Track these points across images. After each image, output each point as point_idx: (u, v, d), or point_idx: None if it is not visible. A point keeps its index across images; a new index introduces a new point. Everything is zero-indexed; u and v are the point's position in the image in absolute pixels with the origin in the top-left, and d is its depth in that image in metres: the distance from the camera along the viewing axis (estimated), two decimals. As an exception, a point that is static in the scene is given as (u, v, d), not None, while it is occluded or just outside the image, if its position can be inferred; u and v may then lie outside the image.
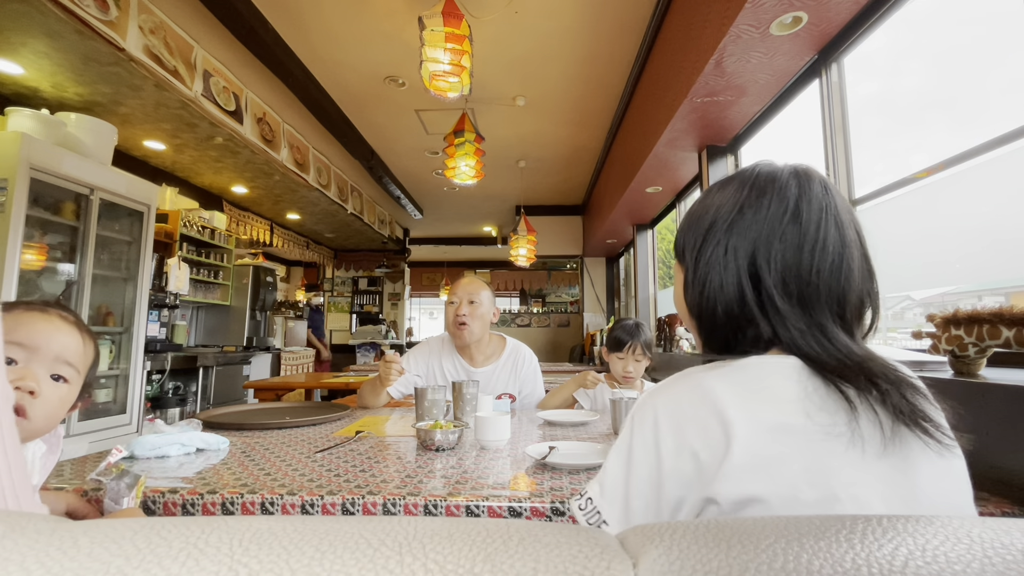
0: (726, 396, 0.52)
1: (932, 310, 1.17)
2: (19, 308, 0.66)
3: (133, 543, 0.26)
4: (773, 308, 0.56)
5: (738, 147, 3.16)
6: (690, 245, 0.63)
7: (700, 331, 0.64)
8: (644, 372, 1.86)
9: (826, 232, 0.56)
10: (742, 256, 0.58)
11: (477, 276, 1.94)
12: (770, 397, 0.52)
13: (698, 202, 0.66)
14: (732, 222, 0.59)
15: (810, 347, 0.54)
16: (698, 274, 0.61)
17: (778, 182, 0.59)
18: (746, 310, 0.57)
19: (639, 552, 0.28)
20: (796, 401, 0.51)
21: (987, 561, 0.26)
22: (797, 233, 0.56)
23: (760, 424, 0.50)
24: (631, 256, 5.85)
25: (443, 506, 0.83)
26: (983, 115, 1.63)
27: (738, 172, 0.65)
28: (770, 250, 0.57)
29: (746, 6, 1.88)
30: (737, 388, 0.52)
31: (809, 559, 0.26)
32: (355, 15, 3.02)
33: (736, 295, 0.58)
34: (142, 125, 3.45)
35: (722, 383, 0.53)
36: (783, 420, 0.50)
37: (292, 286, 9.59)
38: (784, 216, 0.57)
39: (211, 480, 0.92)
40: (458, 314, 1.82)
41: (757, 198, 0.59)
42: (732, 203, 0.60)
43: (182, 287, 4.07)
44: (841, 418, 0.50)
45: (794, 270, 0.56)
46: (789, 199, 0.58)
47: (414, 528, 0.29)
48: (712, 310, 0.60)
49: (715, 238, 0.60)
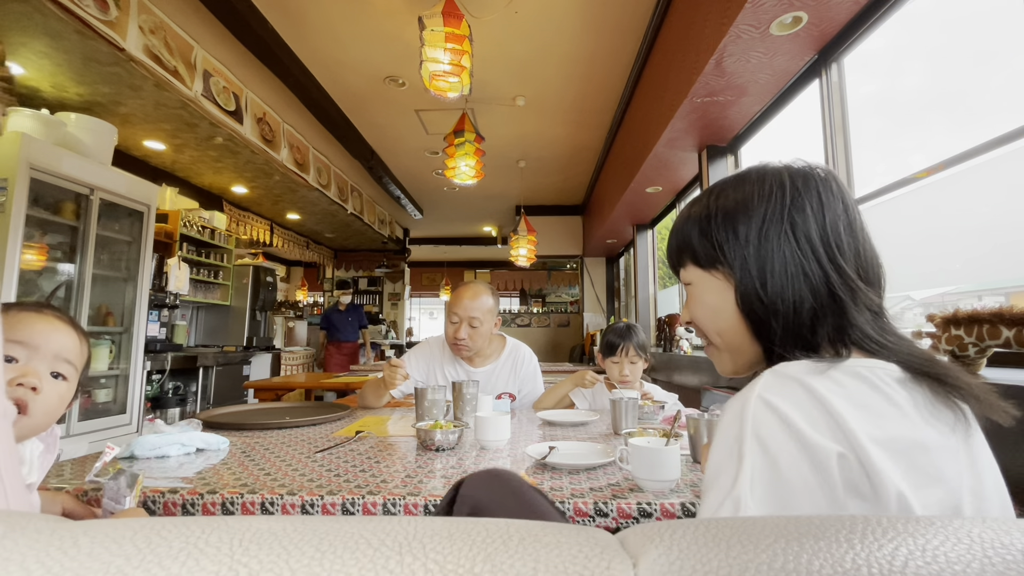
0: (844, 408, 0.46)
1: (932, 310, 1.17)
2: (14, 309, 0.68)
3: (133, 543, 0.26)
4: (858, 291, 0.54)
5: (738, 147, 3.16)
6: (737, 241, 0.58)
7: (768, 333, 0.57)
8: (643, 373, 1.86)
9: (857, 212, 0.58)
10: (817, 242, 0.55)
11: (479, 283, 1.85)
12: (886, 407, 0.48)
13: (713, 202, 0.62)
14: (789, 209, 0.56)
15: (885, 338, 0.53)
16: (765, 267, 0.56)
17: (809, 170, 0.59)
18: (836, 299, 0.54)
19: (639, 552, 0.28)
20: (912, 409, 0.49)
21: (987, 561, 0.26)
22: (845, 215, 0.57)
23: (892, 442, 0.46)
24: (631, 256, 5.85)
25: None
26: (983, 115, 1.63)
27: (747, 170, 0.62)
28: (838, 233, 0.56)
29: (746, 6, 1.88)
30: (853, 398, 0.48)
31: (809, 559, 0.26)
32: (355, 15, 3.02)
33: (821, 283, 0.55)
34: (142, 125, 3.45)
35: (837, 392, 0.47)
36: (910, 434, 0.47)
37: (292, 286, 9.60)
38: (831, 199, 0.57)
39: (211, 480, 0.92)
40: (457, 337, 1.76)
41: (804, 183, 0.58)
42: (777, 191, 0.58)
43: (182, 287, 4.07)
44: (947, 417, 0.49)
45: (854, 250, 0.56)
46: (830, 183, 0.58)
47: (414, 528, 0.29)
48: (792, 305, 0.55)
49: (776, 227, 0.56)
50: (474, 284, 1.85)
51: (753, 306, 0.57)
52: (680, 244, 0.65)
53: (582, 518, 0.82)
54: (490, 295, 1.84)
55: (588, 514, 0.82)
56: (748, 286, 0.57)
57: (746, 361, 0.62)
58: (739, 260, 0.58)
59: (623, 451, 0.97)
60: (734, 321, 0.60)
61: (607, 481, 0.93)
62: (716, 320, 0.62)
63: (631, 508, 0.82)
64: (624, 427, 1.34)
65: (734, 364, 0.63)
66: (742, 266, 0.58)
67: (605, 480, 0.94)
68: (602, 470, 1.01)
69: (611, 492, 0.87)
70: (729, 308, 0.60)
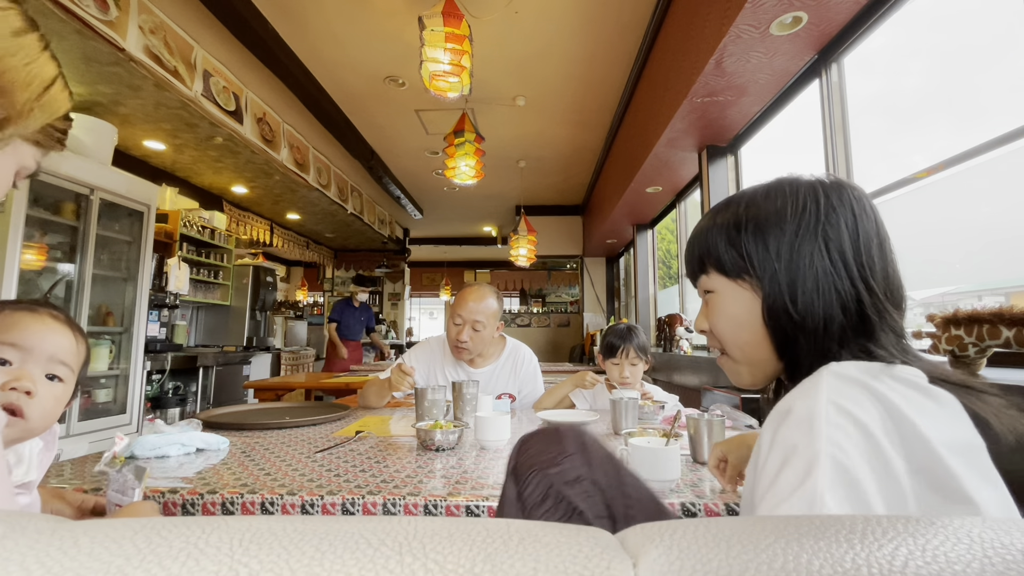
0: (905, 407, 0.46)
1: (932, 310, 1.17)
2: (7, 308, 0.66)
3: (133, 543, 0.26)
4: (885, 312, 0.54)
5: (738, 147, 3.16)
6: (767, 253, 0.57)
7: (795, 348, 0.56)
8: (643, 374, 1.86)
9: (887, 233, 0.58)
10: (850, 259, 0.55)
11: (484, 285, 1.81)
12: (936, 408, 0.47)
13: (743, 211, 0.60)
14: (823, 224, 0.56)
15: (907, 360, 0.52)
16: (796, 282, 0.55)
17: (841, 185, 0.58)
18: (863, 318, 0.54)
19: (639, 552, 0.28)
20: (959, 410, 0.48)
21: (987, 561, 0.26)
22: (878, 235, 0.56)
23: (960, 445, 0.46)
24: (631, 256, 5.85)
25: (443, 506, 0.83)
26: (984, 114, 1.63)
27: (778, 181, 0.61)
28: (870, 252, 0.55)
29: (746, 6, 1.88)
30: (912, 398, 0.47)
31: (809, 559, 0.26)
32: (355, 15, 3.02)
33: (852, 300, 0.54)
34: (142, 125, 3.45)
35: (901, 395, 0.47)
36: (963, 435, 0.47)
37: (292, 286, 9.60)
38: (864, 217, 0.56)
39: (211, 480, 0.92)
40: (459, 339, 1.75)
41: (838, 198, 0.57)
42: (811, 205, 0.56)
43: (182, 287, 4.07)
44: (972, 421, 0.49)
45: (883, 271, 0.55)
46: (863, 200, 0.57)
47: (414, 528, 0.29)
48: (823, 321, 0.54)
49: (810, 242, 0.55)
50: (479, 287, 1.83)
51: (781, 321, 0.56)
52: (704, 251, 0.63)
53: (582, 518, 0.82)
54: (495, 298, 1.82)
55: (588, 514, 0.82)
56: (777, 300, 0.56)
57: (764, 374, 0.61)
58: (769, 273, 0.57)
59: (623, 451, 0.97)
60: (759, 335, 0.58)
61: (607, 481, 0.93)
62: (738, 332, 0.60)
63: (631, 508, 0.82)
64: (624, 427, 1.34)
65: (752, 377, 0.62)
66: (772, 279, 0.57)
67: (605, 480, 0.94)
68: (602, 470, 1.01)
69: (611, 492, 0.87)
70: (754, 321, 0.58)
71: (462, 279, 10.84)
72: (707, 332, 0.65)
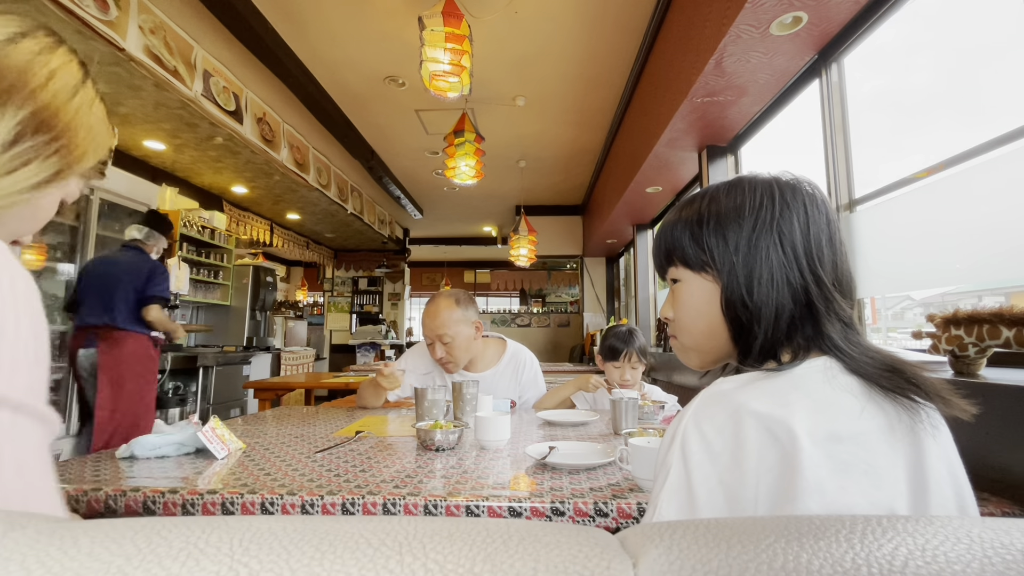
0: (785, 414, 0.50)
1: (932, 310, 1.17)
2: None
3: (133, 543, 0.26)
4: (832, 301, 0.57)
5: (738, 147, 3.16)
6: (727, 247, 0.60)
7: (748, 337, 0.59)
8: (643, 375, 1.86)
9: (837, 226, 0.61)
10: (801, 252, 0.58)
11: (441, 295, 1.73)
12: (826, 406, 0.51)
13: (706, 207, 0.63)
14: (777, 220, 0.59)
15: (849, 347, 0.56)
16: (752, 274, 0.58)
17: (796, 183, 0.62)
18: (812, 307, 0.57)
19: (639, 552, 0.28)
20: (852, 406, 0.52)
21: (987, 561, 0.26)
22: (827, 228, 0.60)
23: (822, 435, 0.49)
24: (631, 256, 5.85)
25: (443, 506, 0.83)
26: (985, 114, 1.63)
27: (738, 178, 0.64)
28: (820, 245, 0.58)
29: (746, 6, 1.88)
30: (803, 401, 0.51)
31: (809, 559, 0.26)
32: (355, 15, 3.02)
33: (801, 291, 0.57)
34: (142, 125, 3.45)
35: (768, 402, 0.51)
36: (844, 428, 0.50)
37: (292, 286, 9.60)
38: (815, 213, 0.60)
39: (211, 480, 0.92)
40: (438, 358, 1.77)
41: (792, 195, 0.60)
42: (767, 202, 0.59)
43: (182, 287, 4.07)
44: (881, 420, 0.51)
45: (832, 262, 0.59)
46: (816, 196, 0.61)
47: (414, 528, 0.29)
48: (775, 311, 0.57)
49: (765, 237, 0.58)
50: (434, 300, 1.78)
51: (737, 311, 0.59)
52: (670, 245, 0.66)
53: (582, 518, 0.82)
54: (454, 305, 1.75)
55: (588, 514, 0.82)
56: (735, 291, 0.59)
57: (712, 359, 0.66)
58: (727, 266, 0.60)
59: (623, 451, 0.97)
60: (716, 323, 0.62)
61: (607, 481, 0.93)
62: (697, 320, 0.64)
63: (631, 508, 0.82)
64: (624, 427, 1.34)
65: (700, 360, 0.67)
66: (730, 272, 0.60)
67: (605, 480, 0.94)
68: (602, 470, 1.01)
69: (611, 492, 0.87)
70: (713, 311, 0.62)
71: (462, 279, 10.85)
72: (669, 320, 0.68)
